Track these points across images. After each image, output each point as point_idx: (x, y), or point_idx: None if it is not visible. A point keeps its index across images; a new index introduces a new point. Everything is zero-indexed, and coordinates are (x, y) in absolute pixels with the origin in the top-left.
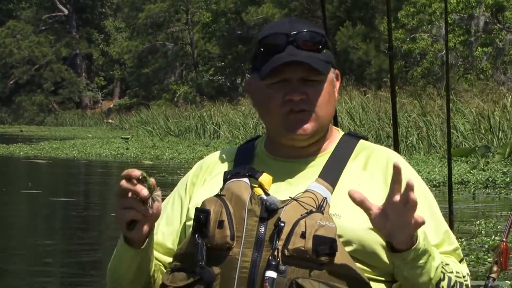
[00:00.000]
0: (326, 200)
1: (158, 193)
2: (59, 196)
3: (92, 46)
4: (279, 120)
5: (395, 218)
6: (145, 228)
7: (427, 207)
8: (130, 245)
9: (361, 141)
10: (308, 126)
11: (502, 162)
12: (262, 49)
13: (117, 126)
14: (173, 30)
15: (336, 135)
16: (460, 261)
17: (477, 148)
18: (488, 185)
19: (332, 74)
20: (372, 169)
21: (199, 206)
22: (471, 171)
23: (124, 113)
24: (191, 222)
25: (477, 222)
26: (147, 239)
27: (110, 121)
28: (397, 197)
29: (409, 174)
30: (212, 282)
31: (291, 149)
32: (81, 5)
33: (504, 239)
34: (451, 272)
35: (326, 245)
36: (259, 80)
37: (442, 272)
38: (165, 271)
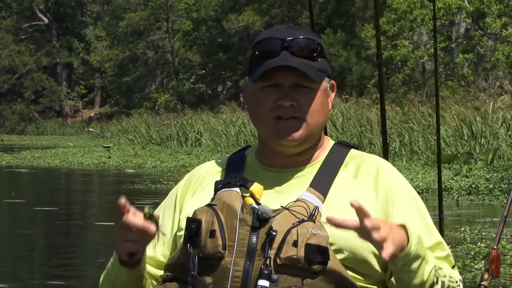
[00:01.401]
0: (318, 209)
1: (164, 228)
2: (43, 205)
3: (73, 55)
4: (268, 125)
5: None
6: (142, 253)
7: (418, 214)
8: (126, 267)
9: (352, 150)
10: (297, 133)
11: (485, 168)
12: (256, 53)
13: (98, 134)
14: (154, 39)
15: (327, 144)
16: (452, 267)
17: (459, 155)
18: (472, 191)
19: (326, 83)
20: (362, 177)
21: (190, 216)
22: (454, 178)
23: (105, 122)
24: (182, 233)
25: (462, 229)
26: (142, 259)
27: (91, 129)
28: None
29: (398, 181)
30: None
31: (282, 158)
32: (61, 14)
33: (494, 247)
34: (445, 276)
35: (318, 253)
36: (252, 83)
37: (435, 276)
38: (155, 283)
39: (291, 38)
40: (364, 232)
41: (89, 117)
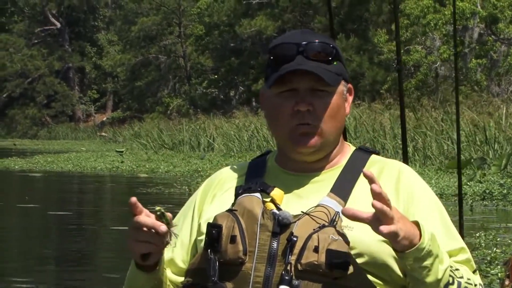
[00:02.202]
0: (338, 214)
1: (175, 228)
2: (57, 210)
3: (85, 59)
4: (286, 132)
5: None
6: (158, 255)
7: (440, 218)
8: (143, 271)
9: (373, 156)
10: (313, 141)
11: (499, 174)
12: (272, 58)
13: (110, 139)
14: (166, 43)
15: (348, 149)
16: (473, 272)
17: (472, 160)
18: (485, 197)
19: (343, 87)
20: (383, 181)
21: (210, 221)
22: (468, 183)
23: (117, 126)
24: (202, 237)
25: (477, 235)
26: (160, 261)
27: (103, 134)
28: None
29: (420, 185)
30: None
31: (303, 163)
32: (73, 18)
33: None
34: (461, 278)
35: (339, 259)
36: (268, 88)
37: (451, 276)
38: None
39: (306, 42)
40: (377, 219)
41: (101, 121)
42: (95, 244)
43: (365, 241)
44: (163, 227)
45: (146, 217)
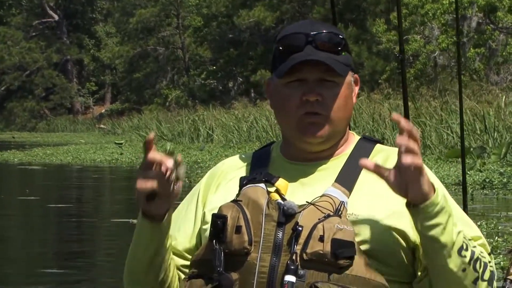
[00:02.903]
0: (344, 204)
1: (182, 170)
2: (57, 202)
3: (83, 52)
4: (294, 121)
5: (404, 171)
6: (165, 204)
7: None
8: (148, 221)
9: (378, 145)
10: (322, 131)
11: (498, 162)
12: (280, 48)
13: (109, 131)
14: (164, 35)
15: (352, 139)
16: (488, 254)
17: (472, 149)
18: (486, 186)
19: (350, 77)
20: None
21: (215, 211)
22: (468, 172)
23: (116, 118)
24: (206, 226)
25: (478, 223)
26: (166, 215)
27: (102, 126)
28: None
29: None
30: None
31: (308, 152)
32: (71, 10)
33: None
34: (475, 247)
35: (344, 248)
36: (277, 79)
37: (464, 242)
38: (182, 276)
39: (315, 32)
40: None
41: (100, 113)
42: (96, 236)
43: (371, 228)
44: (170, 162)
45: (156, 153)
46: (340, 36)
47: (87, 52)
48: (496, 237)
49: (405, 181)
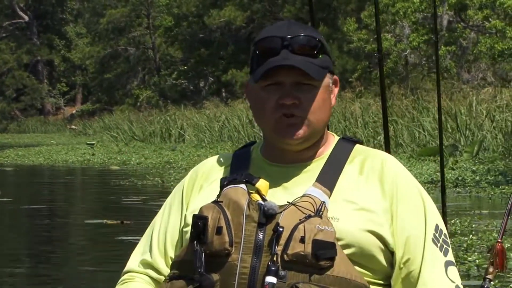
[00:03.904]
0: (324, 204)
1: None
2: (30, 204)
3: (54, 52)
4: (271, 124)
5: None
6: None
7: (422, 213)
8: None
9: (357, 146)
10: (300, 132)
11: (471, 160)
12: (257, 52)
13: (80, 132)
14: (135, 35)
15: (332, 139)
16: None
17: (444, 147)
18: (458, 184)
19: (328, 79)
20: (367, 172)
21: (196, 212)
22: None
23: (87, 119)
24: (188, 229)
25: (452, 222)
26: None
27: (73, 127)
28: None
29: (404, 177)
30: None
31: (288, 154)
32: (41, 11)
33: (499, 240)
34: None
35: (325, 249)
36: (254, 82)
37: None
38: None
39: (291, 36)
40: None
41: (70, 114)
42: (68, 237)
43: (351, 232)
44: None
45: None
46: (316, 38)
47: (58, 53)
48: (470, 235)
49: None
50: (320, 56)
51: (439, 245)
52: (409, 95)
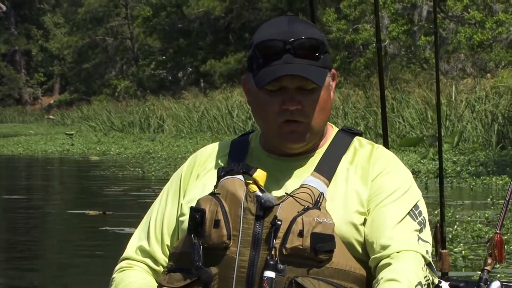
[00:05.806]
0: (323, 195)
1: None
2: (9, 194)
3: (31, 42)
4: (274, 128)
5: None
6: None
7: (403, 204)
8: None
9: (356, 138)
10: (302, 138)
11: (451, 151)
12: (258, 54)
13: (58, 122)
14: (113, 25)
15: (331, 131)
16: (428, 265)
17: (425, 138)
18: None
19: (329, 78)
20: (356, 163)
21: (192, 202)
22: (422, 161)
23: (65, 109)
24: (183, 218)
25: (435, 212)
26: None
27: (51, 117)
28: None
29: (395, 165)
30: (210, 283)
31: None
32: (19, 1)
33: (497, 231)
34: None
35: (324, 242)
36: (259, 90)
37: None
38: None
39: (292, 39)
40: None
41: (48, 104)
42: (47, 226)
43: (347, 224)
44: None
45: None
46: (318, 39)
47: (35, 43)
48: (455, 226)
49: None
50: (322, 56)
51: (417, 221)
52: (388, 86)
